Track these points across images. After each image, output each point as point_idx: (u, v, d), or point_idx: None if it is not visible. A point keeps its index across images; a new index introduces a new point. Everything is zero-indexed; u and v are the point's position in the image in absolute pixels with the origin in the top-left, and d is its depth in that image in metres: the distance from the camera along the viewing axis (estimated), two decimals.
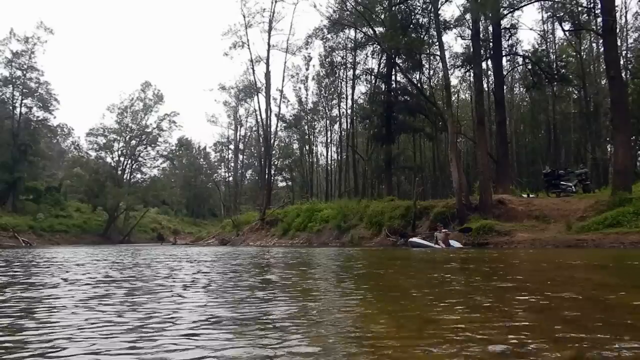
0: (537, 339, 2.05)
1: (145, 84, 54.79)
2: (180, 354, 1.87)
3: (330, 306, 3.14)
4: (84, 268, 7.36)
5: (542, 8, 33.17)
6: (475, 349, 1.88)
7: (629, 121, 18.54)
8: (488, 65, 32.02)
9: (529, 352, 1.84)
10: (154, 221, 58.47)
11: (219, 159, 71.76)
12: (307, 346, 1.96)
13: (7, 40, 43.06)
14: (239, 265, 7.84)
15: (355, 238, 22.19)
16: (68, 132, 65.33)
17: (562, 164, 28.71)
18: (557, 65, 30.11)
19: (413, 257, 10.30)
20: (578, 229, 14.61)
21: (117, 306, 3.17)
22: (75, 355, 1.86)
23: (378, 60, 36.50)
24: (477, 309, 2.90)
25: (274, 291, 4.04)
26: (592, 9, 25.36)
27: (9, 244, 30.10)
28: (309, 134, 50.70)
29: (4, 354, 1.89)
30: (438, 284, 4.64)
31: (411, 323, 2.48)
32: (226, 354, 1.84)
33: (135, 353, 1.89)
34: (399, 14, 28.49)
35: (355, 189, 37.03)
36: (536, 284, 4.54)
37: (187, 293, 3.92)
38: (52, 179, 53.68)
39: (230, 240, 32.13)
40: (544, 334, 2.15)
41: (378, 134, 32.76)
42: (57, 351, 1.94)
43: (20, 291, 4.14)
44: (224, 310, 2.92)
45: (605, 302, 3.20)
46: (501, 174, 23.37)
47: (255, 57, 37.76)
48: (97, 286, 4.57)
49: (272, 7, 36.74)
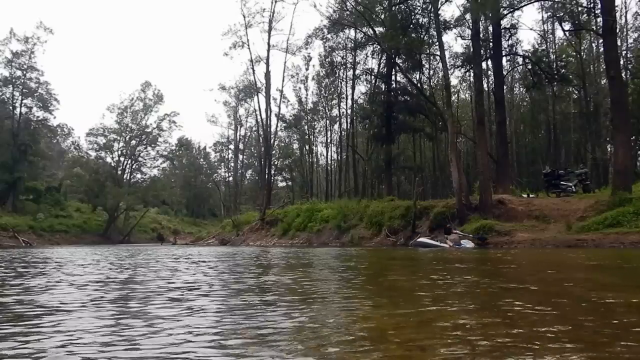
0: (537, 338, 2.05)
1: (145, 84, 54.79)
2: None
3: (342, 313, 3.13)
4: (85, 269, 7.36)
5: (542, 8, 33.16)
6: (475, 349, 1.89)
7: (629, 121, 18.54)
8: (488, 65, 32.01)
9: (529, 352, 1.84)
10: (154, 221, 58.42)
11: (219, 159, 71.77)
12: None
13: (7, 40, 43.09)
14: (241, 267, 7.84)
15: (355, 238, 22.18)
16: (68, 132, 65.27)
17: (562, 164, 28.70)
18: (557, 65, 30.10)
19: (417, 257, 10.30)
20: (578, 229, 14.61)
21: (115, 310, 3.17)
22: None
23: (378, 60, 36.51)
24: (478, 309, 2.91)
25: (276, 295, 4.04)
26: (592, 9, 25.35)
27: (9, 244, 30.09)
28: (309, 134, 50.68)
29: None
30: (444, 285, 4.64)
31: (412, 322, 2.48)
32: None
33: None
34: (399, 14, 28.47)
35: (355, 189, 37.01)
36: (536, 283, 4.55)
37: (189, 296, 3.92)
38: (52, 179, 53.64)
39: (230, 240, 32.11)
40: (544, 334, 2.15)
41: (378, 134, 32.75)
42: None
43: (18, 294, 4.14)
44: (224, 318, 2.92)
45: (606, 302, 3.20)
46: (501, 174, 23.36)
47: (255, 57, 37.75)
48: (97, 290, 4.57)
49: (272, 7, 36.72)
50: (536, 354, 1.81)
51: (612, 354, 1.82)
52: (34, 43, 43.58)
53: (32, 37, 43.42)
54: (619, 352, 1.84)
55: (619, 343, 1.98)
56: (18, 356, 1.87)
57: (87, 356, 1.87)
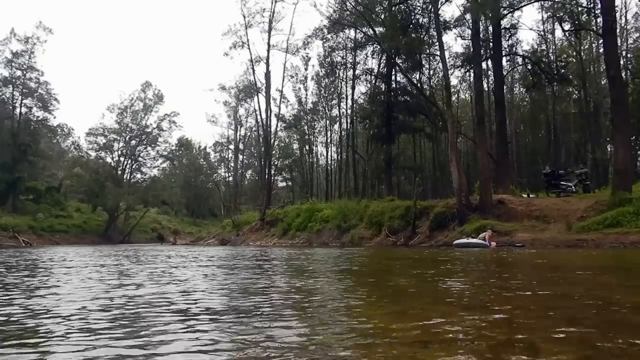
0: (538, 338, 2.05)
1: (146, 84, 54.80)
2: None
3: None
4: (85, 271, 7.36)
5: (542, 8, 33.18)
6: (476, 348, 1.89)
7: (629, 121, 18.54)
8: (488, 65, 32.03)
9: (530, 352, 1.84)
10: (154, 221, 58.39)
11: (219, 159, 71.77)
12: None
13: (7, 40, 43.09)
14: (241, 267, 7.84)
15: (355, 238, 22.17)
16: (68, 132, 65.22)
17: (562, 164, 28.70)
18: (557, 65, 30.09)
19: (418, 257, 10.30)
20: (578, 229, 14.60)
21: (112, 316, 3.17)
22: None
23: (378, 60, 36.52)
24: (478, 309, 2.91)
25: (279, 298, 4.04)
26: (592, 9, 25.34)
27: (9, 244, 30.08)
28: (308, 134, 50.69)
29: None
30: (444, 284, 4.64)
31: (411, 322, 2.48)
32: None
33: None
34: (399, 14, 28.45)
35: (355, 189, 37.00)
36: (536, 283, 4.55)
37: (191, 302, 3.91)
38: (52, 179, 53.64)
39: (230, 240, 32.10)
40: (544, 334, 2.15)
41: (378, 134, 32.75)
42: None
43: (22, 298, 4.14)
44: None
45: (606, 302, 3.20)
46: (501, 174, 23.36)
47: (255, 57, 37.75)
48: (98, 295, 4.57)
49: (272, 7, 36.75)
50: (536, 354, 1.81)
51: (613, 353, 1.82)
52: (33, 43, 43.62)
53: (32, 37, 43.46)
54: (620, 352, 1.84)
55: (619, 343, 1.98)
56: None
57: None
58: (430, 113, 31.66)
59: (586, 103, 33.58)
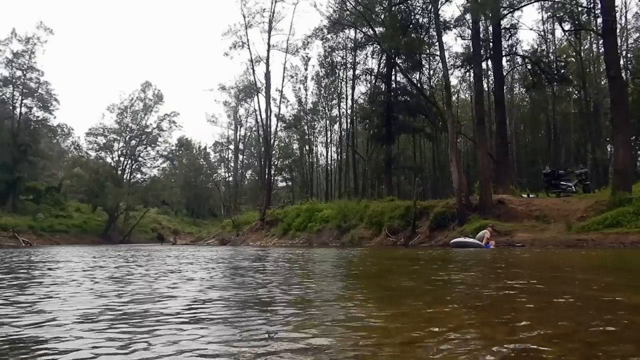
0: (538, 338, 2.05)
1: (145, 84, 54.86)
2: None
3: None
4: (88, 273, 7.35)
5: (542, 8, 33.22)
6: (476, 349, 1.89)
7: (629, 121, 18.55)
8: (488, 65, 32.05)
9: (530, 352, 1.84)
10: (154, 221, 58.43)
11: (219, 159, 71.83)
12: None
13: (7, 41, 43.14)
14: (242, 268, 7.84)
15: (355, 238, 22.17)
16: (68, 132, 65.25)
17: (562, 164, 28.73)
18: (557, 65, 30.15)
19: (418, 257, 10.30)
20: (578, 229, 14.61)
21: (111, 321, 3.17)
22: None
23: (378, 60, 36.54)
24: (478, 308, 2.91)
25: (282, 302, 4.04)
26: (592, 9, 25.39)
27: (9, 244, 30.09)
28: (308, 134, 50.70)
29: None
30: (445, 284, 4.64)
31: (413, 321, 2.48)
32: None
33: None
34: (399, 14, 28.48)
35: (355, 189, 37.01)
36: (536, 283, 4.54)
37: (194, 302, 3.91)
38: (52, 179, 53.65)
39: (230, 240, 32.12)
40: (544, 333, 2.15)
41: (378, 134, 32.76)
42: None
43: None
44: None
45: (606, 302, 3.20)
46: (501, 174, 23.37)
47: (255, 57, 37.80)
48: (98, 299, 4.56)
49: (272, 7, 36.80)
50: (537, 354, 1.81)
51: (612, 353, 1.81)
52: (34, 43, 43.72)
53: (33, 37, 43.54)
54: (620, 352, 1.84)
55: (619, 343, 1.98)
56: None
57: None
58: (430, 113, 31.67)
59: (586, 103, 33.59)
